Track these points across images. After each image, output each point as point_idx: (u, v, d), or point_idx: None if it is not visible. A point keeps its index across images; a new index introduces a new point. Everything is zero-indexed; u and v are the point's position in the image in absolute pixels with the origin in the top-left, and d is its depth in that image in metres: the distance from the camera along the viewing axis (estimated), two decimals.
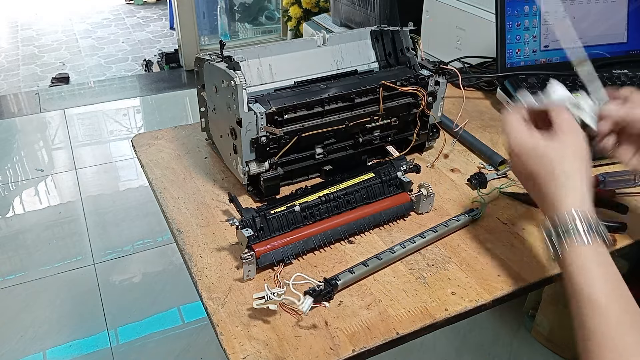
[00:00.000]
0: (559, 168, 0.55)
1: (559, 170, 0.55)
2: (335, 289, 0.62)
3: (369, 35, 0.92)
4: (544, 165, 0.56)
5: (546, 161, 0.56)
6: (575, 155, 0.56)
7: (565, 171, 0.55)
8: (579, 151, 0.57)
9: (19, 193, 2.29)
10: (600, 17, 1.07)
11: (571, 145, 0.57)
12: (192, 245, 0.71)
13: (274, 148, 0.76)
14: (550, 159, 0.56)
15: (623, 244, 0.73)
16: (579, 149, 0.57)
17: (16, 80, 3.40)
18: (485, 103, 1.10)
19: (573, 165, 0.56)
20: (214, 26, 3.81)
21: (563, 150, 0.56)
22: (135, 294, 1.77)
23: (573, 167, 0.56)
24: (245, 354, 0.56)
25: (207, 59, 0.79)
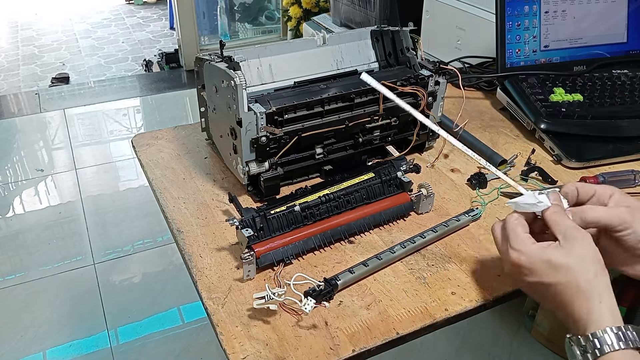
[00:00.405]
0: (583, 278, 0.52)
1: (583, 281, 0.51)
2: (335, 289, 0.62)
3: (369, 35, 0.92)
4: (564, 277, 0.52)
5: (565, 272, 0.52)
6: (593, 261, 0.53)
7: (589, 281, 0.51)
8: (594, 256, 0.53)
9: (19, 193, 2.29)
10: (600, 17, 1.07)
11: (586, 251, 0.53)
12: (192, 245, 0.71)
13: (274, 148, 0.76)
14: (569, 270, 0.52)
15: None
16: (593, 254, 0.53)
17: (16, 80, 3.40)
18: (485, 103, 1.10)
19: (595, 273, 0.52)
20: (214, 26, 3.81)
21: (580, 258, 0.53)
22: (135, 294, 1.77)
23: (595, 275, 0.52)
24: (245, 354, 0.56)
25: (207, 59, 0.79)
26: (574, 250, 0.53)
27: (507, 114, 1.04)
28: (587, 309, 0.51)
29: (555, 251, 0.53)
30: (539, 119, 0.93)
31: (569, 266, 0.52)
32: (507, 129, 1.00)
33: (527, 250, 0.55)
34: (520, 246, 0.55)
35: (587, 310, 0.51)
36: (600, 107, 0.96)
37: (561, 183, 0.84)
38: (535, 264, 0.54)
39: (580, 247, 0.53)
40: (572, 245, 0.53)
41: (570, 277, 0.52)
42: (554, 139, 0.91)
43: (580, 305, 0.51)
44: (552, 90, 0.98)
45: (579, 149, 0.89)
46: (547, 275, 0.53)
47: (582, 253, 0.53)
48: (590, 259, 0.53)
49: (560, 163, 0.89)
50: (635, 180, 0.83)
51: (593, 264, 0.52)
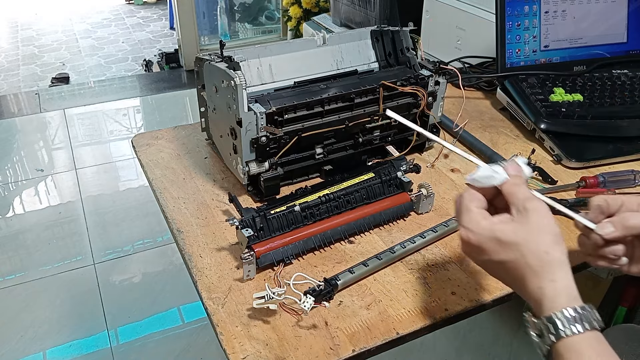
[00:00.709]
0: (533, 256, 0.48)
1: (532, 259, 0.48)
2: (335, 289, 0.62)
3: (369, 35, 0.92)
4: (513, 254, 0.49)
5: (514, 249, 0.49)
6: (546, 235, 0.49)
7: (540, 258, 0.48)
8: (547, 229, 0.49)
9: (19, 193, 2.29)
10: (600, 17, 1.07)
11: (538, 225, 0.50)
12: (192, 245, 0.71)
13: (274, 148, 0.76)
14: (517, 247, 0.49)
15: None
16: (547, 227, 0.50)
17: (16, 80, 3.39)
18: (485, 103, 1.10)
19: (546, 250, 0.49)
20: (214, 26, 3.81)
21: (531, 233, 0.49)
22: (135, 294, 1.77)
23: (547, 252, 0.48)
24: (245, 354, 0.56)
25: (207, 59, 0.79)
26: (525, 225, 0.50)
27: (507, 114, 1.04)
28: (539, 288, 0.48)
29: (504, 227, 0.50)
30: (539, 119, 0.93)
31: (518, 243, 0.49)
32: (507, 129, 1.00)
33: (476, 227, 0.52)
34: (470, 224, 0.52)
35: (539, 289, 0.48)
36: (600, 107, 0.96)
37: (561, 183, 0.84)
38: (483, 243, 0.51)
39: (533, 220, 0.50)
40: (524, 219, 0.50)
41: (519, 254, 0.49)
42: (554, 139, 0.91)
43: (531, 283, 0.49)
44: (552, 90, 0.98)
45: (579, 149, 0.89)
46: (497, 253, 0.50)
47: (533, 227, 0.50)
48: (543, 234, 0.49)
49: (560, 163, 0.89)
50: (635, 180, 0.83)
51: (545, 239, 0.49)
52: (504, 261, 0.50)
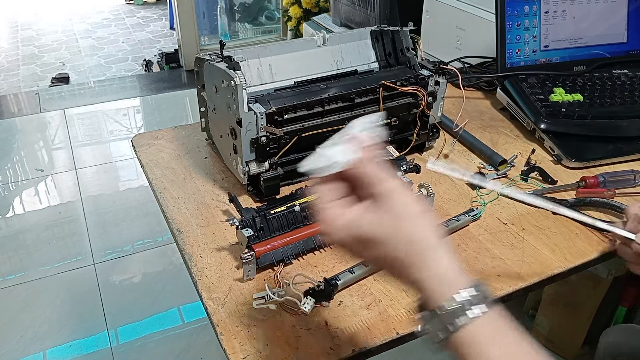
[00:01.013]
0: (401, 249, 0.42)
1: (402, 253, 0.43)
2: (335, 289, 0.62)
3: (369, 35, 0.92)
4: (377, 249, 0.43)
5: (381, 246, 0.43)
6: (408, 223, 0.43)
7: (407, 251, 0.42)
8: (405, 214, 0.43)
9: (19, 193, 2.29)
10: (600, 17, 1.07)
11: (399, 213, 0.43)
12: (192, 245, 0.71)
13: (274, 148, 0.76)
14: (379, 241, 0.43)
15: None
16: (404, 211, 0.43)
17: (16, 80, 3.39)
18: (485, 103, 1.10)
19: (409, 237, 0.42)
20: (214, 26, 3.81)
21: (387, 223, 0.43)
22: (135, 294, 1.77)
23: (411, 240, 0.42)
24: (245, 354, 0.56)
25: (207, 59, 0.79)
26: (381, 214, 0.43)
27: (507, 114, 1.04)
28: (417, 281, 0.43)
29: (360, 222, 0.43)
30: (539, 119, 0.93)
31: (378, 237, 0.43)
32: (507, 129, 1.00)
33: (334, 230, 0.44)
34: (327, 226, 0.44)
35: (418, 282, 0.43)
36: (600, 107, 0.96)
37: (561, 183, 0.84)
38: (346, 242, 0.44)
39: (388, 206, 0.43)
40: (379, 207, 0.43)
41: (383, 249, 0.43)
42: (554, 139, 0.91)
43: (410, 276, 0.43)
44: (552, 90, 0.98)
45: (579, 149, 0.89)
46: (363, 251, 0.44)
47: (391, 216, 0.43)
48: (403, 220, 0.43)
49: (560, 163, 0.89)
50: (635, 180, 0.83)
51: (407, 226, 0.43)
52: (374, 257, 0.44)
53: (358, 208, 0.44)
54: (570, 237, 0.73)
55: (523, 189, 0.82)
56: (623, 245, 0.59)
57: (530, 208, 0.79)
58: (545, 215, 0.77)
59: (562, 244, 0.72)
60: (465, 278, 0.42)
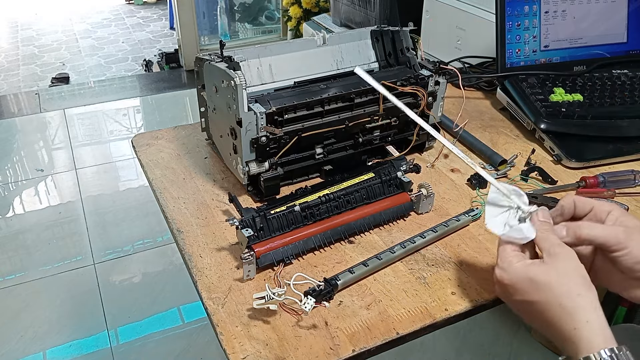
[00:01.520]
0: (565, 296, 0.50)
1: (566, 299, 0.50)
2: (335, 289, 0.62)
3: (369, 35, 0.92)
4: (546, 295, 0.51)
5: (547, 290, 0.51)
6: (577, 278, 0.51)
7: (573, 299, 0.50)
8: (578, 272, 0.51)
9: (19, 193, 2.29)
10: (600, 17, 1.07)
11: (569, 268, 0.51)
12: (192, 245, 0.71)
13: (274, 148, 0.76)
14: (550, 287, 0.51)
15: None
16: (578, 270, 0.51)
17: (16, 80, 3.39)
18: (485, 103, 1.10)
19: (578, 292, 0.50)
20: (214, 26, 3.81)
21: (562, 275, 0.51)
22: (135, 294, 1.77)
23: (579, 293, 0.50)
24: (245, 354, 0.56)
25: (207, 59, 0.79)
26: (556, 267, 0.52)
27: (507, 114, 1.04)
28: (574, 329, 0.49)
29: (536, 268, 0.52)
30: (539, 119, 0.93)
31: (551, 284, 0.51)
32: (507, 129, 1.00)
33: (510, 268, 0.54)
34: (505, 264, 0.54)
35: (574, 330, 0.49)
36: (600, 107, 0.96)
37: (561, 183, 0.84)
38: (517, 283, 0.53)
39: (563, 263, 0.52)
40: (555, 261, 0.52)
41: (552, 295, 0.50)
42: (554, 139, 0.91)
43: (566, 324, 0.49)
44: (552, 90, 0.98)
45: (579, 149, 0.89)
46: (529, 294, 0.52)
47: (565, 270, 0.51)
48: (574, 276, 0.51)
49: (560, 163, 0.89)
50: (635, 180, 0.83)
51: (577, 282, 0.51)
52: (537, 302, 0.51)
53: (536, 260, 0.54)
54: None
55: (523, 189, 0.82)
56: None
57: None
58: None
59: None
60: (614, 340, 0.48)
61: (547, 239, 0.54)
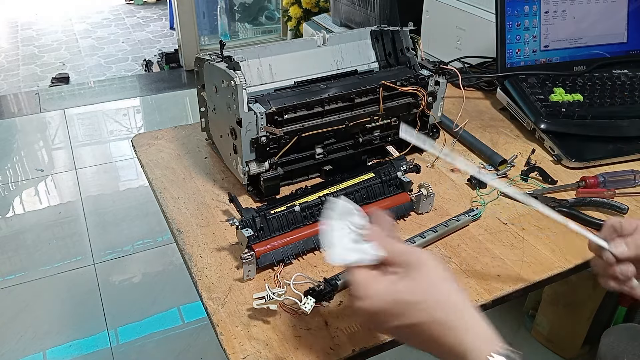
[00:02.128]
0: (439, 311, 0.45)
1: (441, 314, 0.45)
2: (335, 289, 0.62)
3: (369, 35, 0.92)
4: (423, 314, 0.45)
5: (421, 309, 0.45)
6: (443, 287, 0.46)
7: (447, 312, 0.45)
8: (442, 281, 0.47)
9: (19, 193, 2.29)
10: (600, 17, 1.07)
11: (433, 279, 0.46)
12: (192, 245, 0.71)
13: (274, 148, 0.76)
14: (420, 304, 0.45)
15: None
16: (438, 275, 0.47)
17: (16, 80, 3.39)
18: (485, 103, 1.10)
19: (447, 299, 0.46)
20: (214, 26, 3.81)
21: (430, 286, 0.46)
22: (135, 294, 1.77)
23: (449, 302, 0.46)
24: (245, 354, 0.56)
25: (207, 59, 0.79)
26: (419, 281, 0.46)
27: (507, 114, 1.04)
28: (457, 344, 0.45)
29: (400, 287, 0.47)
30: (539, 119, 0.93)
31: (419, 301, 0.46)
32: (507, 129, 1.00)
33: (371, 293, 0.47)
34: (363, 292, 0.48)
35: (459, 345, 0.45)
36: (600, 107, 0.96)
37: (561, 183, 0.84)
38: (385, 309, 0.46)
39: (424, 273, 0.47)
40: (414, 274, 0.47)
41: (425, 313, 0.45)
42: (554, 139, 0.91)
43: (450, 339, 0.45)
44: (552, 90, 0.98)
45: (579, 149, 0.89)
46: (402, 317, 0.46)
47: (428, 281, 0.46)
48: (439, 283, 0.46)
49: (560, 163, 0.89)
50: (635, 180, 0.83)
51: (444, 289, 0.46)
52: (413, 324, 0.46)
53: (391, 278, 0.47)
54: (571, 237, 0.73)
55: (523, 189, 0.82)
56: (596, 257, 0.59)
57: (530, 208, 0.79)
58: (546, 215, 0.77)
59: (562, 244, 0.72)
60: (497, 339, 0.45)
61: (394, 250, 0.48)
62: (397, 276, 0.47)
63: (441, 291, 0.46)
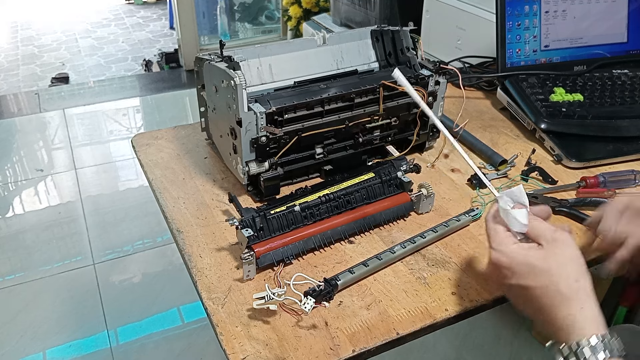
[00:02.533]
0: (563, 283, 0.50)
1: (564, 286, 0.50)
2: (335, 289, 0.62)
3: (369, 35, 0.92)
4: (544, 280, 0.51)
5: (545, 276, 0.51)
6: (575, 265, 0.52)
7: (570, 286, 0.50)
8: (576, 259, 0.52)
9: (19, 193, 2.29)
10: (600, 17, 1.07)
11: (568, 255, 0.52)
12: (192, 245, 0.71)
13: (274, 148, 0.76)
14: (549, 274, 0.51)
15: None
16: (576, 257, 0.52)
17: (16, 80, 3.39)
18: (485, 103, 1.10)
19: (576, 278, 0.51)
20: (214, 26, 3.81)
21: (562, 262, 0.52)
22: (135, 294, 1.77)
23: (577, 280, 0.51)
24: (245, 354, 0.56)
25: (207, 58, 0.79)
26: (555, 254, 0.52)
27: (507, 114, 1.04)
28: (568, 315, 0.50)
29: (536, 253, 0.52)
30: (539, 118, 0.93)
31: (550, 270, 0.51)
32: (507, 129, 1.00)
33: (508, 250, 0.53)
34: (501, 246, 0.54)
35: (568, 316, 0.50)
36: (600, 107, 0.96)
37: (561, 183, 0.84)
38: (515, 266, 0.53)
39: (562, 250, 0.52)
40: (554, 247, 0.52)
41: (550, 281, 0.51)
42: (554, 139, 0.91)
43: (561, 311, 0.50)
44: (553, 90, 0.98)
45: (579, 149, 0.89)
46: (527, 278, 0.52)
47: (564, 256, 0.52)
48: (572, 263, 0.51)
49: (560, 163, 0.89)
50: (635, 180, 0.83)
51: (575, 268, 0.51)
52: (533, 287, 0.51)
53: (533, 245, 0.53)
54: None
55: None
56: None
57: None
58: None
59: None
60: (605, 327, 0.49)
61: (541, 226, 0.54)
62: (535, 245, 0.53)
63: (567, 267, 0.51)
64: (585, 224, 0.65)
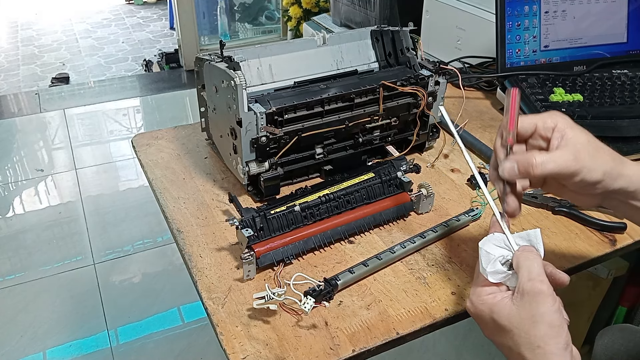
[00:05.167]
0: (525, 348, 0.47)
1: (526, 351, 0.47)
2: (335, 289, 0.62)
3: (369, 35, 0.92)
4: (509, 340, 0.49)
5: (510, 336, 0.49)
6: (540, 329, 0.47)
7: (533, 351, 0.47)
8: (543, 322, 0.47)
9: (19, 193, 2.29)
10: (600, 17, 1.07)
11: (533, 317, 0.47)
12: (192, 245, 0.71)
13: (274, 148, 0.76)
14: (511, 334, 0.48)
15: (623, 244, 0.73)
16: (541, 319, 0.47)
17: (16, 80, 3.40)
18: (485, 103, 1.10)
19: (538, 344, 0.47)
20: (214, 26, 3.81)
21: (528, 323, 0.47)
22: (135, 294, 1.77)
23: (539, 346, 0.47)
24: (245, 354, 0.56)
25: (207, 59, 0.79)
26: (521, 312, 0.48)
27: None
28: None
29: (501, 309, 0.49)
30: None
31: (511, 331, 0.48)
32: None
33: (478, 301, 0.51)
34: (474, 296, 0.52)
35: None
36: (600, 107, 0.96)
37: None
38: (482, 319, 0.51)
39: (528, 309, 0.48)
40: (522, 305, 0.48)
41: (513, 342, 0.48)
42: None
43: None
44: (552, 90, 0.98)
45: None
46: (494, 335, 0.51)
47: (529, 315, 0.47)
48: (538, 324, 0.47)
49: None
50: None
51: (539, 331, 0.47)
52: (499, 344, 0.51)
53: (506, 296, 0.50)
54: (570, 237, 0.73)
55: None
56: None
57: (530, 208, 0.79)
58: (545, 215, 0.77)
59: (562, 244, 0.72)
60: None
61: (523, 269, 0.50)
62: (508, 298, 0.50)
63: (534, 333, 0.47)
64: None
